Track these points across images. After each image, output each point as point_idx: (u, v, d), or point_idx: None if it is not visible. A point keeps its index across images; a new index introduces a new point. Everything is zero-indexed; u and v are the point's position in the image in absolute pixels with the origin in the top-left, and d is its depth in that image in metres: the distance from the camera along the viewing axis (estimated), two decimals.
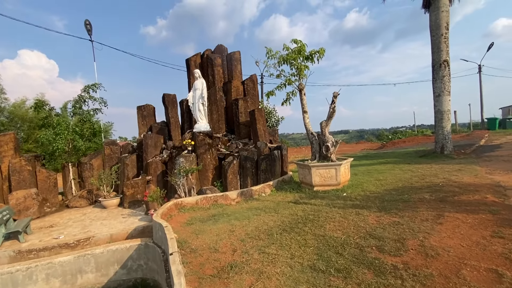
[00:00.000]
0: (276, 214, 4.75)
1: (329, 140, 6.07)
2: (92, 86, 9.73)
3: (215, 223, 4.52)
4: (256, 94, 10.41)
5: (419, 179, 6.31)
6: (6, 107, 19.28)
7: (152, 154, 8.96)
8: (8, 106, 19.48)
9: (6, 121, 19.13)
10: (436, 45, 8.75)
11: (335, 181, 6.01)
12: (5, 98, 19.22)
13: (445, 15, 8.52)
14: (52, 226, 6.68)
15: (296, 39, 5.95)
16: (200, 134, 8.09)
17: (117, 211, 7.67)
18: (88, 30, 10.65)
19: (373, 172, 7.87)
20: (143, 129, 10.36)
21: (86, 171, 9.33)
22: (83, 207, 8.56)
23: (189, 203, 5.57)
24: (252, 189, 6.25)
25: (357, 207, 4.63)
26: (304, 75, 5.99)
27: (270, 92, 6.81)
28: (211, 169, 8.02)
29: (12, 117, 19.39)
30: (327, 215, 4.38)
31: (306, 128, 6.45)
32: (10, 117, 19.36)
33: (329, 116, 6.02)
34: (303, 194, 6.02)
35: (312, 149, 6.40)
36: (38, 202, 7.56)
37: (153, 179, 8.50)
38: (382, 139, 28.27)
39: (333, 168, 5.96)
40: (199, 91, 8.46)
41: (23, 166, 8.03)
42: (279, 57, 6.20)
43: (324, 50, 5.71)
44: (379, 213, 4.22)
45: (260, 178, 7.54)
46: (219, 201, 5.73)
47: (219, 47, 10.71)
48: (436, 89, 8.97)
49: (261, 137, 8.70)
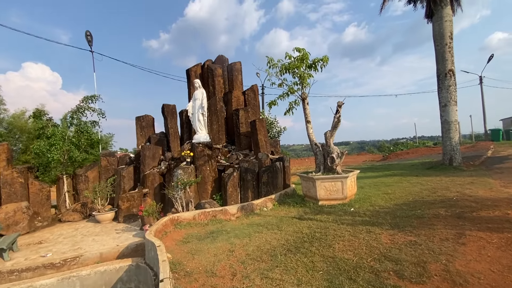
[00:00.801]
0: (279, 231, 4.39)
1: (334, 151, 5.77)
2: (91, 97, 9.58)
3: (213, 242, 4.16)
4: (257, 104, 10.22)
5: (430, 192, 5.96)
6: (5, 118, 19.16)
7: (149, 165, 8.65)
8: (8, 117, 19.38)
9: (5, 132, 18.96)
10: (440, 54, 8.61)
11: (341, 195, 5.66)
12: (4, 109, 19.10)
13: (448, 24, 8.43)
14: (41, 242, 6.32)
15: (299, 48, 5.78)
16: (200, 145, 7.82)
17: (111, 226, 7.32)
18: (88, 41, 10.62)
19: (380, 185, 7.51)
20: (142, 140, 10.11)
21: (81, 183, 9.00)
22: (76, 221, 8.19)
23: (186, 218, 5.21)
24: (253, 203, 5.90)
25: (367, 224, 4.27)
26: (307, 84, 5.78)
27: (272, 102, 6.59)
28: (210, 182, 7.69)
29: (10, 128, 19.22)
30: (335, 232, 4.02)
31: (310, 138, 6.17)
32: (9, 128, 19.20)
33: (334, 126, 5.75)
34: (307, 208, 5.66)
35: (316, 160, 6.09)
36: (28, 216, 7.22)
37: (150, 192, 8.15)
38: (383, 151, 27.93)
39: (339, 181, 5.62)
40: (199, 101, 8.26)
41: (15, 178, 7.73)
42: (281, 65, 6.01)
43: (328, 58, 5.52)
44: (392, 231, 3.86)
45: (262, 191, 7.19)
46: (218, 216, 5.37)
47: (220, 57, 10.63)
48: (442, 99, 8.75)
49: (262, 148, 8.41)
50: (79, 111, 9.34)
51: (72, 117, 9.21)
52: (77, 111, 9.33)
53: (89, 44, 10.73)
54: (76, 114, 9.29)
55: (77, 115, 9.26)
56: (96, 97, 9.70)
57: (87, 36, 10.49)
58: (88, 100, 9.51)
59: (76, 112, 9.30)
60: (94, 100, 9.66)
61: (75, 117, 9.21)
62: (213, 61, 10.64)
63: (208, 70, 10.10)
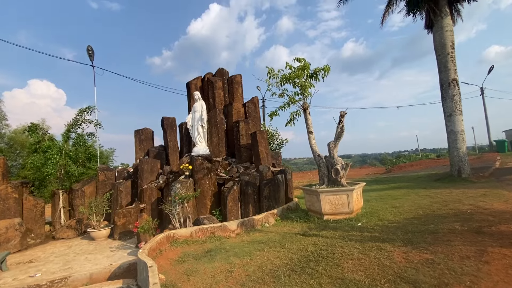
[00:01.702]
0: (282, 249, 4.06)
1: (339, 162, 5.53)
2: (86, 109, 9.42)
3: (211, 261, 3.84)
4: (257, 116, 10.08)
5: (441, 205, 5.63)
6: (6, 133, 19.20)
7: (147, 180, 8.40)
8: (9, 132, 19.43)
9: (6, 147, 18.93)
10: (442, 64, 8.52)
11: (347, 209, 5.35)
12: (6, 125, 19.23)
13: (449, 34, 8.41)
14: (32, 261, 6.01)
15: (299, 57, 5.69)
16: (199, 157, 7.60)
17: (106, 243, 7.01)
18: (90, 55, 10.72)
19: (386, 198, 7.18)
20: (140, 153, 9.92)
21: (77, 199, 8.73)
22: (70, 238, 7.86)
23: (183, 235, 4.89)
24: (254, 219, 5.58)
25: (377, 240, 3.95)
26: (308, 94, 5.63)
27: (274, 113, 6.43)
28: (209, 196, 7.39)
29: (12, 143, 19.23)
30: (343, 250, 3.70)
31: (313, 149, 5.94)
32: (10, 143, 19.20)
33: (337, 137, 5.53)
34: (311, 224, 5.33)
35: (320, 172, 5.82)
36: (20, 233, 6.93)
37: (147, 207, 7.85)
38: (386, 164, 27.49)
39: (344, 194, 5.33)
40: (199, 113, 8.14)
41: (9, 193, 7.51)
42: (282, 76, 5.90)
43: (329, 67, 5.40)
44: (405, 248, 3.54)
45: (263, 206, 6.87)
46: (217, 233, 5.05)
47: (220, 70, 10.63)
48: (446, 109, 8.56)
49: (263, 160, 8.17)
50: (76, 124, 9.20)
51: (69, 130, 9.07)
52: (73, 124, 9.20)
53: (91, 59, 10.83)
54: (72, 128, 9.15)
55: (74, 128, 9.12)
56: (92, 108, 9.55)
57: (89, 51, 10.60)
58: (84, 112, 9.35)
59: (72, 126, 9.17)
60: (89, 112, 9.50)
61: (72, 130, 9.07)
62: (213, 74, 10.64)
63: (208, 83, 10.06)
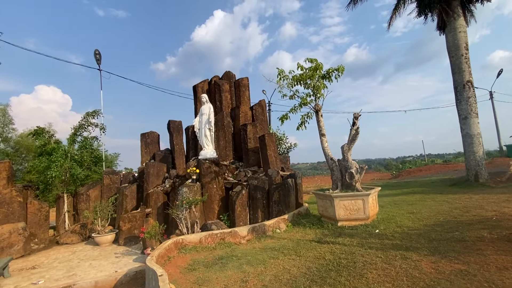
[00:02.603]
0: (298, 257, 3.83)
1: (353, 166, 5.29)
2: (92, 113, 9.40)
3: (223, 269, 3.61)
4: (265, 119, 9.92)
5: (462, 212, 5.34)
6: (13, 137, 19.30)
7: (153, 184, 8.23)
8: (15, 136, 19.52)
9: (12, 151, 19.00)
10: (456, 66, 8.29)
11: (363, 215, 5.09)
12: (12, 129, 19.34)
13: (463, 35, 8.21)
14: (35, 267, 5.83)
15: (311, 58, 5.52)
16: (206, 161, 7.42)
17: (111, 249, 6.82)
18: (97, 59, 10.72)
19: (401, 203, 6.89)
20: (146, 157, 9.78)
21: (82, 203, 8.58)
22: (75, 243, 7.68)
23: (192, 241, 4.68)
24: (265, 224, 5.34)
25: (400, 248, 3.69)
26: (321, 95, 5.44)
27: (284, 116, 6.23)
28: (217, 200, 7.18)
29: (18, 147, 19.29)
30: (365, 259, 3.45)
31: (325, 152, 5.73)
32: (16, 147, 19.27)
33: (352, 139, 5.32)
34: (325, 230, 5.08)
35: (333, 177, 5.59)
36: (24, 238, 6.78)
37: (153, 212, 7.66)
38: (390, 169, 27.01)
39: (360, 199, 5.09)
40: (206, 116, 7.98)
41: (14, 197, 7.38)
42: (293, 77, 5.73)
43: (344, 68, 5.22)
44: (433, 257, 3.29)
45: (273, 211, 6.64)
46: (227, 239, 4.82)
47: (227, 73, 10.54)
48: (461, 111, 8.29)
49: (272, 164, 7.96)
50: (82, 127, 9.15)
51: (75, 134, 9.00)
52: (79, 128, 9.14)
53: (98, 63, 10.83)
54: (79, 131, 9.09)
55: (80, 132, 9.05)
56: (98, 112, 9.53)
57: (96, 55, 10.61)
58: (90, 116, 9.34)
59: (78, 129, 9.11)
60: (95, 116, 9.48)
61: (78, 133, 9.00)
62: (220, 77, 10.54)
63: (215, 86, 9.96)
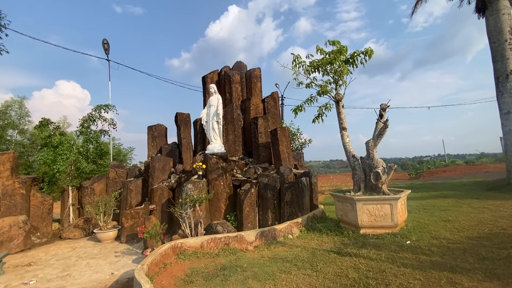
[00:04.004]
0: (314, 272, 3.18)
1: (379, 164, 4.56)
2: (104, 106, 9.10)
3: (224, 283, 3.04)
4: (277, 113, 9.25)
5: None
6: (29, 129, 19.64)
7: (159, 179, 7.79)
8: (31, 128, 19.86)
9: (28, 143, 19.36)
10: (499, 52, 7.25)
11: (390, 222, 4.37)
12: (29, 121, 19.67)
13: (507, 18, 7.14)
14: (31, 264, 5.53)
15: (333, 40, 4.79)
16: (213, 156, 6.87)
17: (112, 247, 6.48)
18: (105, 49, 10.42)
19: (431, 208, 6.06)
20: (153, 151, 9.39)
21: (87, 197, 8.30)
22: (77, 239, 7.41)
23: (192, 246, 4.14)
24: (276, 229, 4.72)
25: (443, 268, 2.97)
26: (344, 82, 4.71)
27: (299, 107, 5.55)
28: (224, 199, 6.64)
29: (34, 139, 19.63)
30: (399, 281, 2.76)
31: (346, 149, 5.01)
32: (32, 139, 19.62)
33: (379, 133, 4.57)
34: (345, 238, 4.40)
35: (355, 176, 4.87)
36: (24, 232, 6.53)
37: (157, 208, 7.23)
38: (407, 169, 25.58)
39: (387, 204, 4.36)
40: (214, 108, 7.42)
41: (16, 189, 7.17)
42: (311, 62, 5.02)
43: (372, 50, 4.45)
44: (491, 284, 2.56)
45: (284, 212, 6.01)
46: (232, 245, 4.25)
47: (238, 63, 9.93)
48: (503, 105, 7.25)
49: (285, 161, 7.31)
50: (90, 119, 8.86)
51: (83, 126, 8.72)
52: (88, 120, 8.85)
53: (106, 53, 10.54)
54: (87, 123, 8.79)
55: (87, 124, 8.76)
56: (110, 107, 9.21)
57: (104, 44, 10.31)
58: (101, 109, 9.03)
59: (87, 121, 8.81)
60: (107, 110, 9.16)
61: (86, 125, 8.71)
62: (230, 67, 9.95)
63: (225, 77, 9.38)
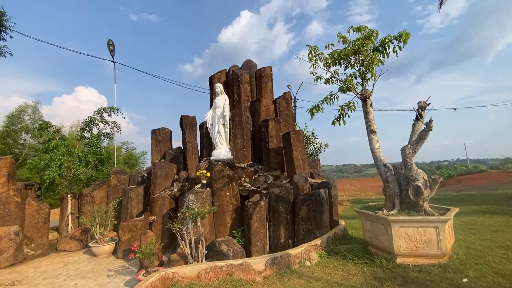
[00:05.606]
0: None
1: (420, 176, 3.63)
2: (108, 108, 8.63)
3: None
4: (290, 115, 8.42)
5: None
6: None
7: (161, 187, 7.14)
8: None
9: (42, 147, 19.56)
10: None
11: (436, 250, 3.42)
12: None
13: None
14: (15, 283, 4.98)
15: (359, 26, 3.95)
16: (219, 163, 6.14)
17: (107, 263, 5.91)
18: (110, 50, 10.06)
19: (479, 228, 5.00)
20: (157, 156, 8.80)
21: (86, 205, 7.80)
22: (73, 251, 6.89)
23: (187, 276, 3.37)
24: (290, 254, 3.86)
25: None
26: (373, 75, 3.86)
27: (315, 107, 4.73)
28: (230, 211, 5.87)
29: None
30: None
31: (375, 156, 4.11)
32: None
33: (420, 138, 3.65)
34: (378, 269, 3.48)
35: (388, 190, 3.96)
36: (15, 244, 6.04)
37: (157, 220, 6.57)
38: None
39: (431, 226, 3.42)
40: (220, 109, 6.72)
41: (11, 197, 6.74)
42: (331, 53, 4.20)
43: (409, 34, 3.57)
44: None
45: (299, 230, 5.14)
46: (236, 275, 3.45)
47: (247, 62, 9.23)
48: None
49: (299, 168, 6.44)
50: (92, 122, 8.39)
51: (83, 129, 8.26)
52: (89, 123, 8.39)
53: (111, 54, 10.18)
54: (87, 126, 8.33)
55: (88, 127, 8.29)
56: (114, 109, 8.72)
57: (109, 46, 9.96)
58: (104, 111, 8.56)
59: (88, 124, 8.35)
60: (110, 113, 8.67)
61: (86, 129, 8.25)
62: (239, 66, 9.25)
63: (233, 76, 8.68)
